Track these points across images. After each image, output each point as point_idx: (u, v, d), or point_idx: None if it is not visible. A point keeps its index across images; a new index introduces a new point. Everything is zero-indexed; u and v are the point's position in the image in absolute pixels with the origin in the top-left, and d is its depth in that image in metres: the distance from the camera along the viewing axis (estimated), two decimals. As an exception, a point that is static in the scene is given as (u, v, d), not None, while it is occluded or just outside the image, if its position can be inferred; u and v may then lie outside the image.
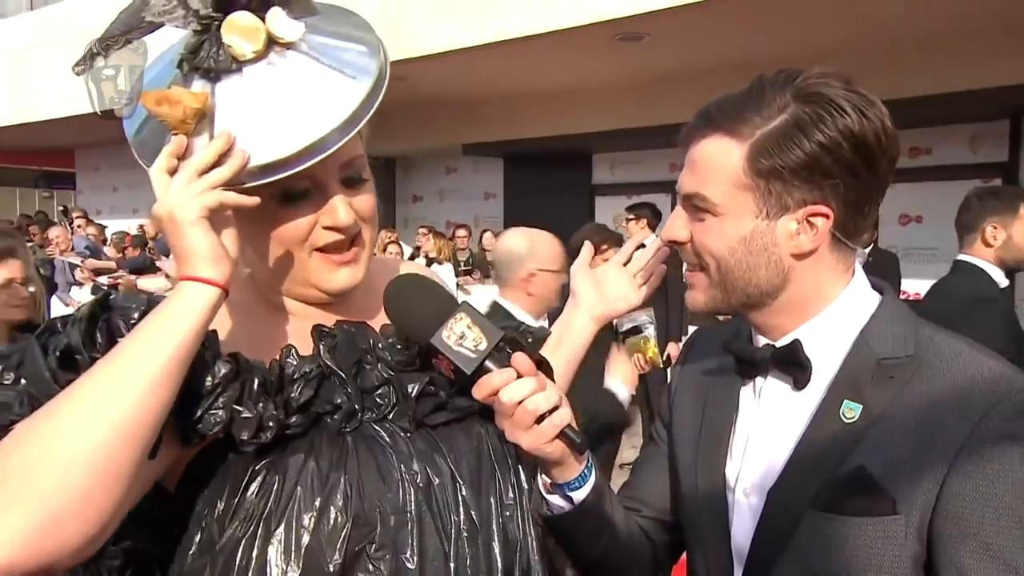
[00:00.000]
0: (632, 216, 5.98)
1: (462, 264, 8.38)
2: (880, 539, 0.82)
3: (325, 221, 0.88)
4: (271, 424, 0.81)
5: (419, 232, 8.62)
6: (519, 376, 0.86)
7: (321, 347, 0.87)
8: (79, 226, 9.49)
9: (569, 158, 8.30)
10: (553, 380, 0.91)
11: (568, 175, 8.45)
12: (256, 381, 0.82)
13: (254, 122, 0.83)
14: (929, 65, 5.60)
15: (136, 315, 0.81)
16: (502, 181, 9.27)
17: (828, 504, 0.85)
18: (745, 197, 0.87)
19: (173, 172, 0.82)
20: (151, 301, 0.83)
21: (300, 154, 0.82)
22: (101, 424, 0.72)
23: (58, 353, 0.78)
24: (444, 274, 7.67)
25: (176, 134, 0.82)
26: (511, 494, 0.91)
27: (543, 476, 0.95)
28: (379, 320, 0.94)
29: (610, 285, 1.18)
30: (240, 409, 0.80)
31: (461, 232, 8.60)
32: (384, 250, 8.07)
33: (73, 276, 7.50)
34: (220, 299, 0.80)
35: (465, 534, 0.86)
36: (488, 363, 0.86)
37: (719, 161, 0.88)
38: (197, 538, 0.82)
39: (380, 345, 0.91)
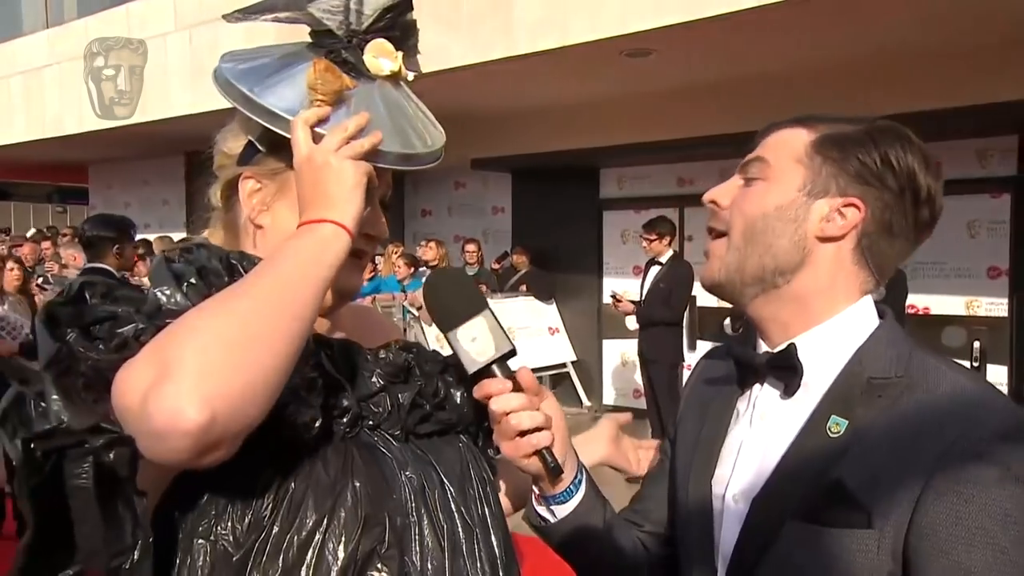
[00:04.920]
0: (654, 236, 6.00)
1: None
2: (854, 551, 0.84)
3: (368, 229, 0.94)
4: (315, 423, 0.83)
5: (421, 244, 8.69)
6: (517, 389, 0.90)
7: (323, 355, 0.90)
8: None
9: (577, 173, 8.32)
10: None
11: (576, 189, 8.47)
12: (325, 373, 0.86)
13: (381, 120, 0.92)
14: (937, 80, 5.60)
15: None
16: (510, 195, 9.29)
17: (807, 514, 0.86)
18: (797, 170, 0.92)
19: (312, 128, 0.88)
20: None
21: (414, 157, 0.94)
22: (287, 309, 0.76)
23: (197, 269, 0.84)
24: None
25: (320, 103, 0.89)
26: (489, 505, 0.94)
27: (533, 486, 0.99)
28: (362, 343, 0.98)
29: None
30: (306, 397, 0.83)
31: (470, 247, 8.62)
32: (392, 263, 8.12)
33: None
34: (347, 251, 0.85)
35: (460, 537, 0.89)
36: (494, 368, 0.91)
37: (788, 139, 0.95)
38: (207, 550, 0.81)
39: (369, 358, 0.94)
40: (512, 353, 0.92)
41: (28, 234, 11.95)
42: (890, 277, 0.97)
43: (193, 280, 0.82)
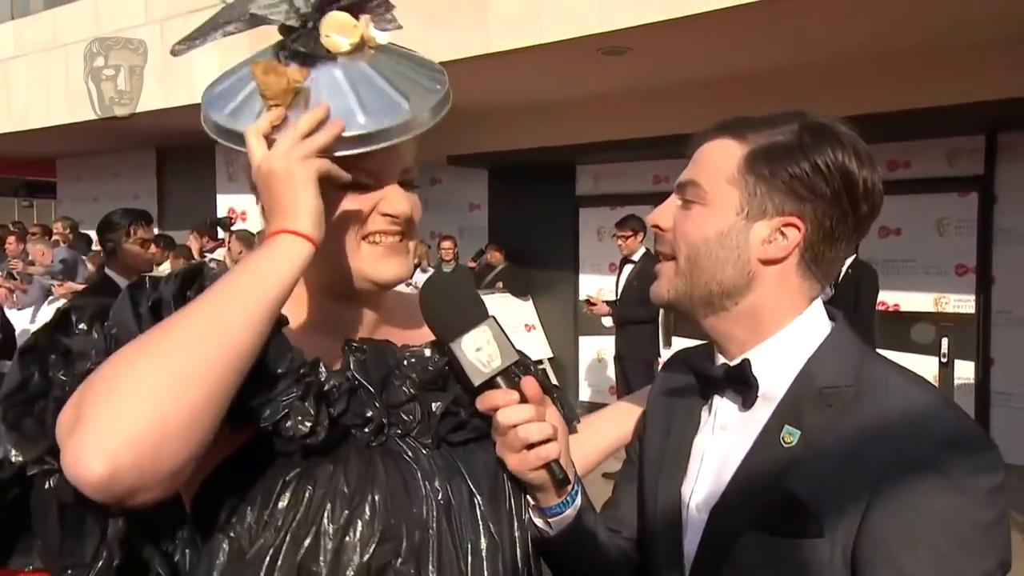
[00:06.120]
0: (629, 232, 6.03)
1: (447, 275, 8.37)
2: (808, 561, 0.84)
3: (383, 208, 0.92)
4: (322, 429, 0.81)
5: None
6: (523, 400, 0.88)
7: (351, 360, 0.88)
8: (57, 240, 9.28)
9: (553, 170, 8.33)
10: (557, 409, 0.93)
11: (552, 186, 8.47)
12: (319, 382, 0.83)
13: (345, 103, 0.87)
14: (908, 80, 5.68)
15: None
16: (487, 192, 9.28)
17: (762, 524, 0.87)
18: (732, 193, 0.91)
19: (267, 137, 0.84)
20: None
21: (388, 131, 0.88)
22: (215, 344, 0.72)
23: (150, 303, 0.80)
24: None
25: (273, 107, 0.85)
26: (522, 521, 0.93)
27: (528, 496, 0.97)
28: (403, 340, 0.96)
29: None
30: (301, 406, 0.80)
31: (446, 243, 8.60)
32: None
33: (51, 290, 7.43)
34: (311, 258, 0.81)
35: (484, 551, 0.87)
36: (499, 379, 0.88)
37: (720, 157, 0.93)
38: (225, 548, 0.81)
39: (405, 363, 0.92)
40: (518, 363, 0.90)
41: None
42: (836, 276, 0.97)
43: (142, 312, 0.81)
